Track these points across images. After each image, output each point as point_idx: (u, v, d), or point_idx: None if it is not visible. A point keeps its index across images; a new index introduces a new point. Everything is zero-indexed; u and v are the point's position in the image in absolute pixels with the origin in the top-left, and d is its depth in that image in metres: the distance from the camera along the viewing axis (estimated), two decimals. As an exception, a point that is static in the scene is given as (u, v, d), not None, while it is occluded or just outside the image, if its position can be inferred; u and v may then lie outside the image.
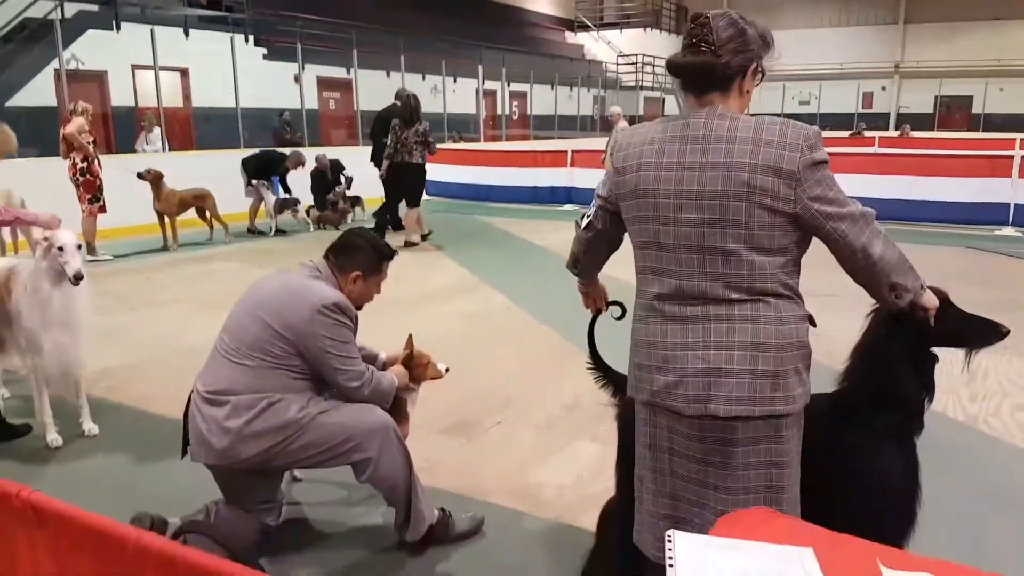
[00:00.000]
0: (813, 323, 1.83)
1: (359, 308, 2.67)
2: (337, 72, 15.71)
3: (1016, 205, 10.02)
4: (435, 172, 12.30)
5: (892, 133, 24.41)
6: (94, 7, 12.25)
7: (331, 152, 12.00)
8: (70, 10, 11.69)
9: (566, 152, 13.53)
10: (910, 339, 1.92)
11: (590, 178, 12.91)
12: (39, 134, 9.77)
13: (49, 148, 8.66)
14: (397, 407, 2.83)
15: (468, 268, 7.92)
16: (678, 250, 1.77)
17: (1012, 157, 10.17)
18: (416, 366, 2.95)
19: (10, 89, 10.86)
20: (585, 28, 30.84)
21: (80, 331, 3.54)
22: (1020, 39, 26.76)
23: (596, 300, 2.35)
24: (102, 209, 8.17)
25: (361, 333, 2.71)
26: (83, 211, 8.03)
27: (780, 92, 27.88)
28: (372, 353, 2.96)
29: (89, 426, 3.74)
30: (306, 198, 10.80)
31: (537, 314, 6.06)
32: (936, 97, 27.86)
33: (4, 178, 7.53)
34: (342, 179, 11.06)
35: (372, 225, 9.42)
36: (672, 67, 1.80)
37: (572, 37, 30.48)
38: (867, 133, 21.95)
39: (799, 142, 1.68)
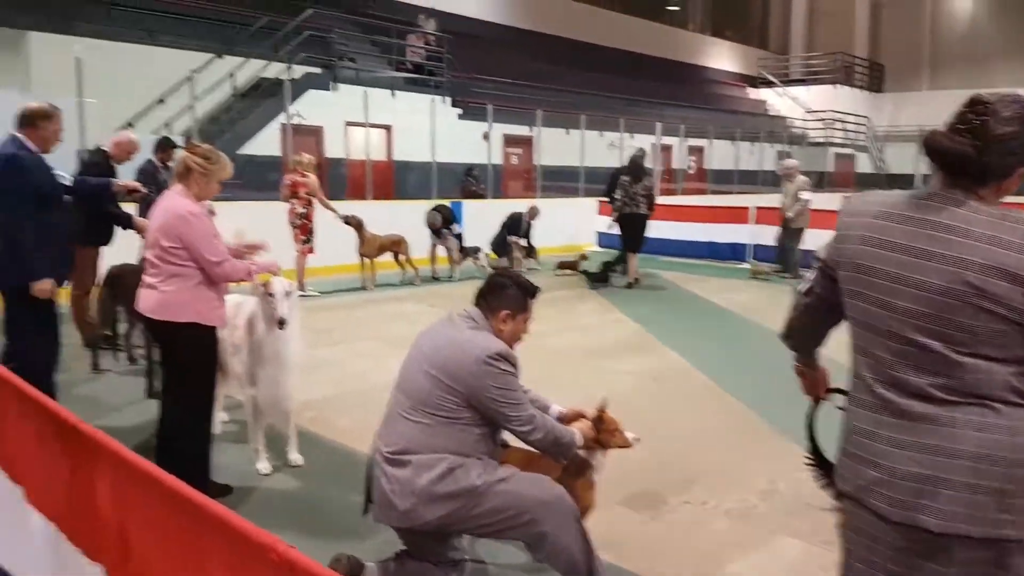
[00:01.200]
0: None
1: (511, 347, 2.71)
2: (521, 130, 16.53)
3: None
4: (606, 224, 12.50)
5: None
6: (317, 70, 13.83)
7: (512, 205, 12.65)
8: (297, 72, 13.29)
9: (747, 208, 13.25)
10: None
11: (773, 236, 12.54)
12: (263, 179, 11.12)
13: (270, 192, 9.77)
14: (582, 471, 2.83)
15: (643, 324, 7.91)
16: (892, 339, 1.62)
17: None
18: (604, 431, 2.89)
19: (242, 139, 12.41)
20: (769, 84, 30.19)
21: (290, 368, 3.82)
22: None
23: (815, 385, 2.11)
24: (311, 250, 9.12)
25: (537, 385, 2.83)
26: (297, 250, 9.00)
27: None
28: (544, 403, 2.97)
29: (294, 456, 4.01)
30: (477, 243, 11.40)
31: (720, 380, 5.81)
32: None
33: (234, 217, 8.64)
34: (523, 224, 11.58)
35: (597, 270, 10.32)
36: (926, 146, 1.63)
37: (755, 93, 29.96)
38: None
39: None
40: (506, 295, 2.77)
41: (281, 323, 3.65)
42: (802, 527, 3.40)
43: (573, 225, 14.32)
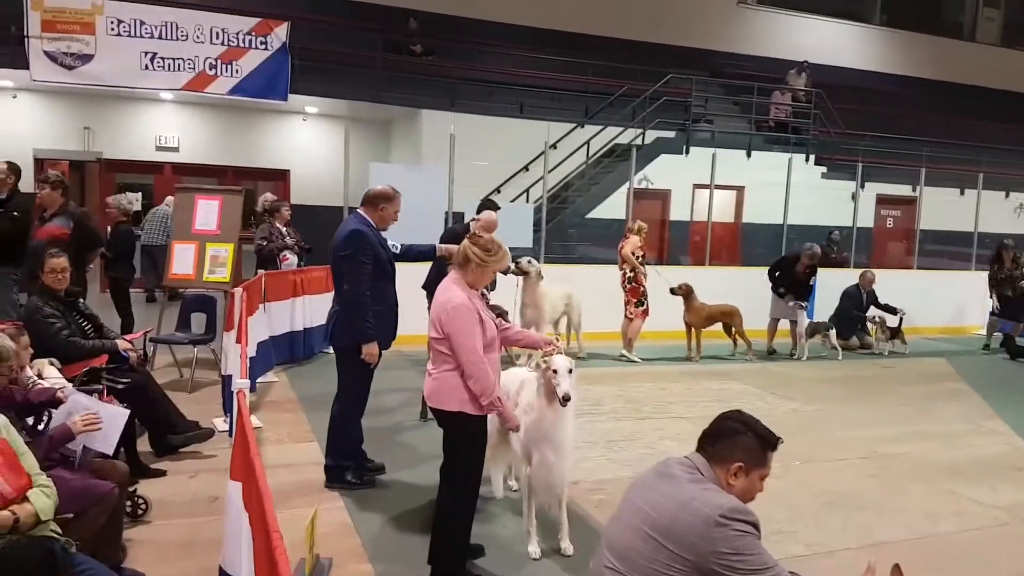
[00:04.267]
0: None
1: None
2: (901, 189, 14.83)
3: None
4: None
5: None
6: (670, 134, 14.06)
7: (879, 273, 11.34)
8: (649, 137, 13.67)
9: None
10: None
11: None
12: (610, 242, 11.56)
13: (615, 256, 10.09)
14: None
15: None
16: None
17: None
18: None
19: (594, 202, 13.09)
20: None
21: (566, 449, 3.74)
22: None
23: None
24: (645, 313, 9.17)
25: (867, 506, 2.26)
26: (628, 314, 9.13)
27: None
28: None
29: (565, 545, 3.87)
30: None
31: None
32: None
33: (573, 279, 9.11)
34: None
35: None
36: None
37: None
38: None
39: None
40: (738, 444, 2.33)
41: (565, 400, 3.58)
42: None
43: (960, 301, 12.32)
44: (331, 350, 5.76)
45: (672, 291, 9.20)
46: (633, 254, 9.01)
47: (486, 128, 12.22)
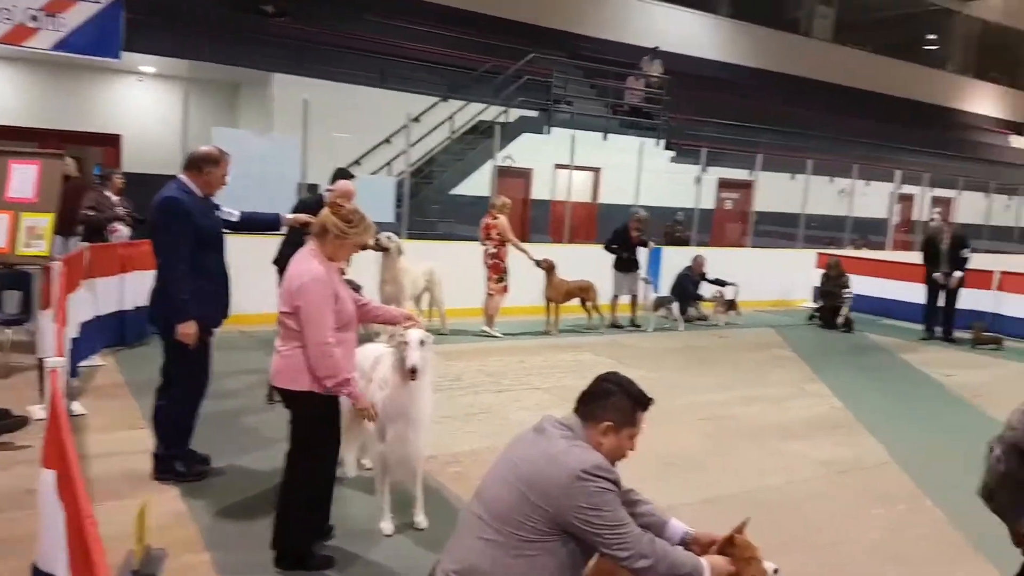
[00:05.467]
0: None
1: (612, 464, 2.40)
2: (739, 174, 15.80)
3: None
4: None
5: None
6: (533, 113, 14.24)
7: (717, 252, 12.08)
8: (513, 115, 13.77)
9: (992, 272, 11.55)
10: None
11: (1022, 307, 10.90)
12: (473, 219, 11.58)
13: (476, 233, 10.11)
14: None
15: (841, 398, 7.09)
16: None
17: None
18: (737, 558, 2.48)
19: (457, 178, 13.06)
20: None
21: (421, 425, 3.66)
22: None
23: None
24: (505, 289, 9.27)
25: (709, 464, 2.38)
26: (489, 290, 9.21)
27: None
28: (660, 520, 2.64)
29: (420, 519, 3.86)
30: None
31: (921, 479, 5.05)
32: None
33: (436, 256, 9.07)
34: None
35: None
36: None
37: (1017, 141, 26.34)
38: None
39: None
40: (610, 404, 2.44)
41: (412, 372, 3.50)
42: None
43: (788, 277, 13.32)
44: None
45: (537, 263, 9.35)
46: (499, 236, 9.08)
47: (344, 96, 11.83)
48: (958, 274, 10.44)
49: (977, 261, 14.35)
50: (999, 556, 3.59)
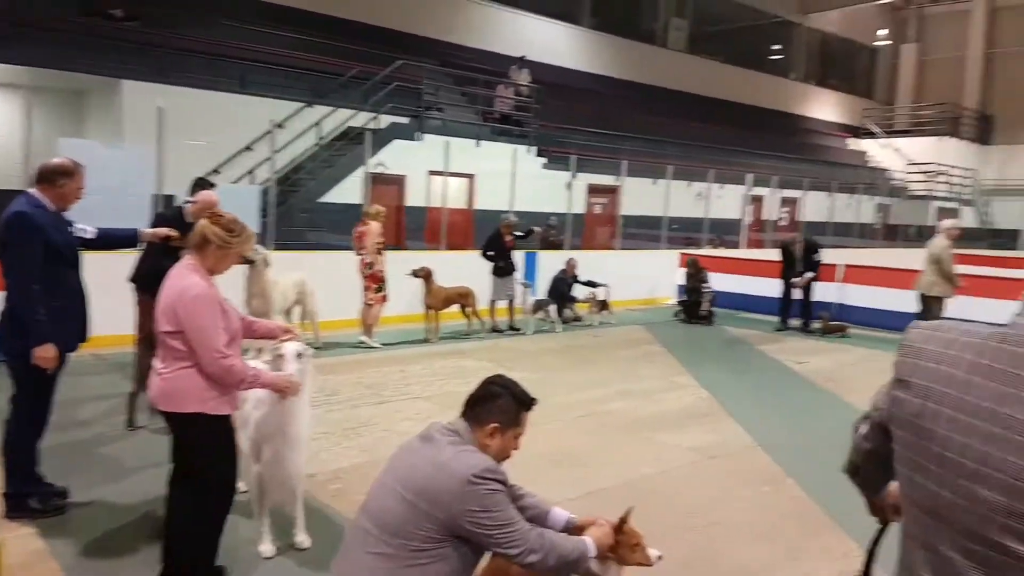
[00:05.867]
0: None
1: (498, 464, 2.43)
2: (606, 179, 16.38)
3: None
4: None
5: None
6: (404, 120, 14.15)
7: (588, 255, 12.46)
8: (384, 122, 13.63)
9: (836, 266, 12.56)
10: None
11: (864, 296, 11.89)
12: (344, 227, 11.35)
13: (351, 242, 9.92)
14: None
15: (709, 389, 7.49)
16: (966, 536, 1.23)
17: None
18: (623, 544, 2.58)
19: (327, 186, 12.75)
20: (870, 135, 29.05)
21: (299, 442, 3.54)
22: None
23: (883, 508, 1.85)
24: (384, 298, 9.15)
25: (586, 459, 2.46)
26: (367, 300, 9.05)
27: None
28: (542, 510, 2.68)
29: (301, 538, 3.73)
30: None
31: (783, 460, 5.41)
32: None
33: (306, 266, 8.81)
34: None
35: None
36: None
37: (854, 144, 28.84)
38: None
39: None
40: (497, 406, 2.48)
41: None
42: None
43: (654, 276, 13.92)
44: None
45: (414, 273, 9.28)
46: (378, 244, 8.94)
47: (203, 103, 11.29)
48: (809, 274, 11.29)
49: (822, 256, 15.60)
50: (853, 527, 4.03)
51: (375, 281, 9.03)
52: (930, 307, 9.61)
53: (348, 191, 12.41)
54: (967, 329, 1.31)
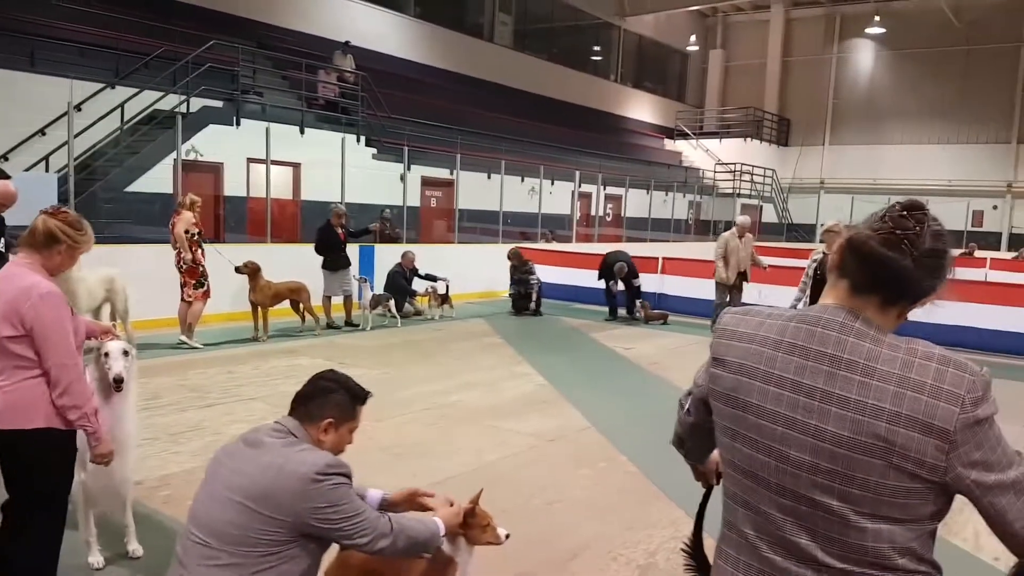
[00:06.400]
0: None
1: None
2: (441, 172, 16.33)
3: None
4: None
5: (1005, 254, 23.11)
6: (218, 103, 13.25)
7: (426, 248, 12.36)
8: (195, 105, 12.68)
9: (657, 259, 13.36)
10: None
11: (680, 286, 12.73)
12: (155, 219, 10.46)
13: (164, 234, 9.16)
14: (445, 571, 2.55)
15: (547, 377, 7.67)
16: (780, 493, 1.39)
17: None
18: (474, 526, 2.62)
19: (134, 174, 11.65)
20: (684, 136, 31.19)
21: (127, 448, 3.36)
22: None
23: (708, 474, 2.02)
24: (206, 294, 8.53)
25: (429, 451, 2.44)
26: (186, 297, 8.39)
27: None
28: (361, 491, 2.60)
29: (133, 547, 3.55)
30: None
31: (616, 440, 5.67)
32: (1054, 218, 26.37)
33: (115, 261, 8.02)
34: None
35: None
36: (859, 250, 1.39)
37: (671, 144, 30.83)
38: (978, 253, 20.79)
39: (960, 391, 1.28)
40: (331, 402, 2.40)
41: (117, 381, 3.20)
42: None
43: (492, 269, 14.08)
44: None
45: (237, 269, 8.73)
46: (187, 232, 8.28)
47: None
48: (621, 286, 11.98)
49: (643, 249, 16.55)
50: (680, 496, 4.39)
51: (194, 276, 8.41)
52: (723, 293, 10.62)
53: (158, 180, 11.45)
54: (771, 312, 1.49)
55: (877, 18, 27.57)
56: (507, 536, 2.71)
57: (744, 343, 1.46)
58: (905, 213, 1.39)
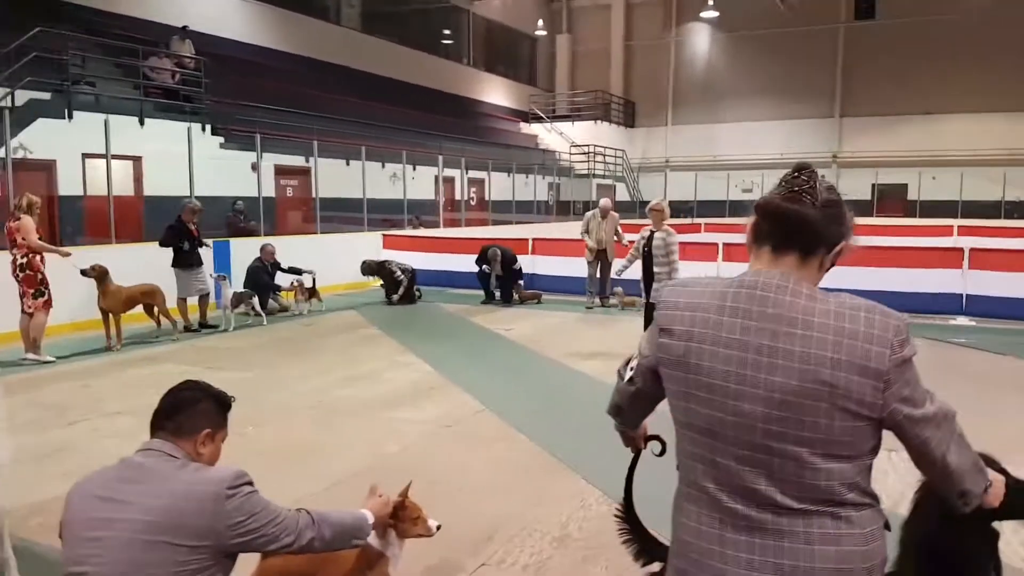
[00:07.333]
0: (888, 527, 1.57)
1: None
2: (296, 160, 15.64)
3: (967, 295, 10.32)
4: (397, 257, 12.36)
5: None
6: (46, 95, 12.01)
7: (286, 240, 11.82)
8: (21, 98, 11.44)
9: (527, 240, 13.52)
10: (971, 524, 1.72)
11: (550, 265, 12.97)
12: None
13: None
14: (374, 564, 2.50)
15: (432, 364, 7.58)
16: (738, 444, 1.50)
17: (962, 249, 10.58)
18: (405, 519, 2.58)
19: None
20: (539, 120, 31.74)
21: None
22: (949, 131, 28.28)
23: (636, 439, 2.10)
24: (48, 304, 7.74)
25: (321, 448, 2.33)
26: (27, 308, 7.59)
27: (725, 181, 28.78)
28: None
29: None
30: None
31: (511, 419, 5.69)
32: (873, 185, 29.09)
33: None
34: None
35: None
36: (768, 209, 1.55)
37: (527, 128, 31.28)
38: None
39: (888, 335, 1.44)
40: (200, 411, 2.22)
41: None
42: (596, 572, 3.38)
43: (359, 259, 13.67)
44: None
45: (84, 273, 7.99)
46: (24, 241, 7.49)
47: None
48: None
49: (511, 231, 16.73)
50: (582, 467, 4.56)
51: (32, 285, 7.61)
52: (593, 268, 11.47)
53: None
54: (708, 282, 1.61)
55: (711, 2, 29.14)
56: (438, 527, 2.67)
57: (689, 312, 1.57)
58: (797, 173, 1.56)
